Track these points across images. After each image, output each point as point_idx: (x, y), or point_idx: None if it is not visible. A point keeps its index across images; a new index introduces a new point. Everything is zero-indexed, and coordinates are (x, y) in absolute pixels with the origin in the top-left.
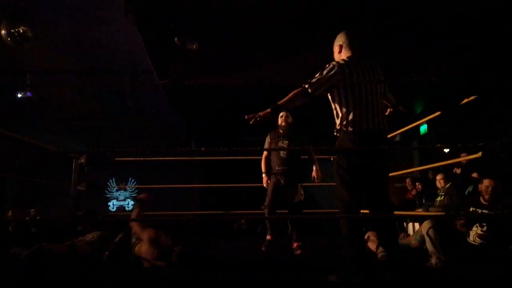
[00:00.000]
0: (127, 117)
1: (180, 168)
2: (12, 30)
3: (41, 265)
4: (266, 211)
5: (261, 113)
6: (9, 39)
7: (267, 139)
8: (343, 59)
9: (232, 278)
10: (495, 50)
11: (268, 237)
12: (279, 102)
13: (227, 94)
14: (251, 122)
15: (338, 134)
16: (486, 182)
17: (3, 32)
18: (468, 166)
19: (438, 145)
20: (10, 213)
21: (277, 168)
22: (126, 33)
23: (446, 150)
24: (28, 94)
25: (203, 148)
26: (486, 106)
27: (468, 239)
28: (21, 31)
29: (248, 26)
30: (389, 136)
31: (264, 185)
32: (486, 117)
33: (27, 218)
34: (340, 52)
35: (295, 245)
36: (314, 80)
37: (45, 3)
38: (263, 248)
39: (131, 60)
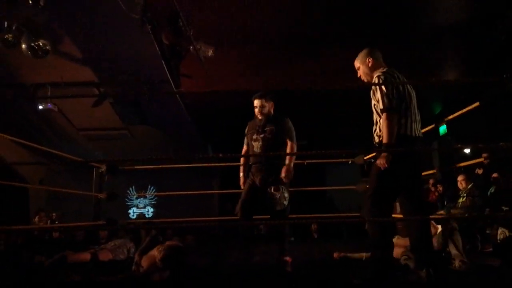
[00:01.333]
0: (144, 126)
1: (198, 174)
2: (32, 44)
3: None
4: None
5: (383, 162)
6: (29, 52)
7: (245, 132)
8: (386, 69)
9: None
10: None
11: None
12: (386, 141)
13: (243, 100)
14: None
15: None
16: None
17: (23, 46)
18: (489, 167)
19: (459, 145)
20: (36, 218)
21: (252, 166)
22: (142, 44)
23: (467, 151)
24: (49, 105)
25: (221, 154)
26: (507, 105)
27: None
28: (41, 44)
29: (264, 31)
30: None
31: (241, 186)
32: (506, 116)
33: (49, 221)
34: (372, 65)
35: (284, 259)
36: (386, 99)
37: (63, 17)
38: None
39: (147, 70)
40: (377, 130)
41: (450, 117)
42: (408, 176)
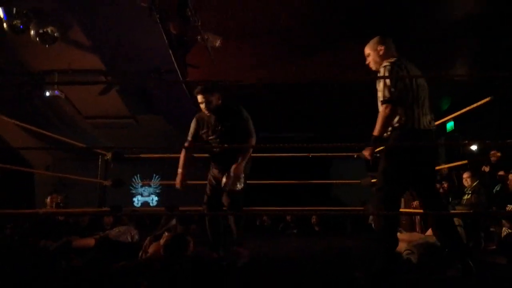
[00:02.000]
0: (150, 115)
1: (202, 164)
2: (40, 31)
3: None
4: (205, 209)
5: (367, 154)
6: (37, 39)
7: (192, 125)
8: (394, 60)
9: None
10: None
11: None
12: (376, 133)
13: (250, 91)
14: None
15: (391, 132)
16: None
17: (32, 32)
18: (496, 164)
19: (466, 141)
20: (48, 199)
21: (211, 162)
22: (150, 32)
23: (474, 148)
24: (56, 92)
25: (226, 145)
26: None
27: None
28: (49, 31)
29: (273, 24)
30: None
31: (177, 185)
32: None
33: (54, 203)
34: (383, 53)
35: (238, 250)
36: (386, 90)
37: (71, 4)
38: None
39: (155, 59)
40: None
41: (458, 113)
42: (417, 169)
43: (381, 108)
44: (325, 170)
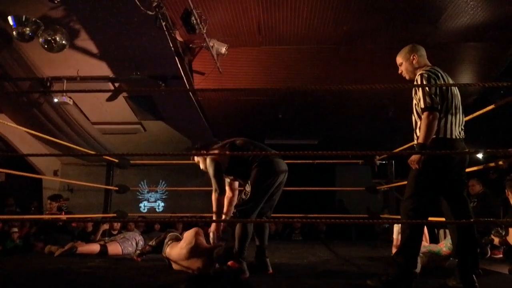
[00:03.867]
0: (157, 121)
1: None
2: (49, 38)
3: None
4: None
5: (414, 162)
6: (46, 46)
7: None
8: (430, 67)
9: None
10: None
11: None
12: (421, 141)
13: (255, 98)
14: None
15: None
16: None
17: (40, 39)
18: (505, 171)
19: (467, 150)
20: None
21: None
22: (156, 40)
23: (480, 156)
24: (64, 98)
25: (227, 152)
26: None
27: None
28: (57, 39)
29: (278, 31)
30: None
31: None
32: None
33: (57, 205)
34: (417, 61)
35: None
36: (428, 98)
37: (79, 12)
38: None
39: (161, 66)
40: (417, 131)
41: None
42: (447, 179)
43: (423, 115)
44: (330, 177)
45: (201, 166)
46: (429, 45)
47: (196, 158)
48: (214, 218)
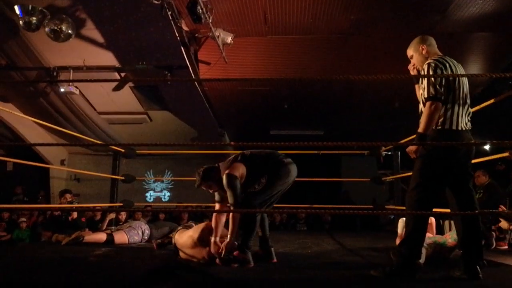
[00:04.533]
0: (164, 111)
1: (214, 161)
2: (55, 27)
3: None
4: None
5: (412, 152)
6: (52, 35)
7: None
8: (438, 57)
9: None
10: None
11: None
12: (421, 131)
13: (261, 88)
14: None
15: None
16: None
17: (46, 29)
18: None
19: (473, 141)
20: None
21: None
22: (162, 30)
23: (487, 147)
24: (71, 88)
25: (232, 142)
26: None
27: None
28: (63, 28)
29: (284, 22)
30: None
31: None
32: None
33: (67, 201)
34: (426, 52)
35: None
36: (432, 87)
37: (84, 1)
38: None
39: (167, 56)
40: None
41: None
42: (452, 170)
43: (426, 105)
44: (335, 168)
45: (213, 189)
46: (437, 34)
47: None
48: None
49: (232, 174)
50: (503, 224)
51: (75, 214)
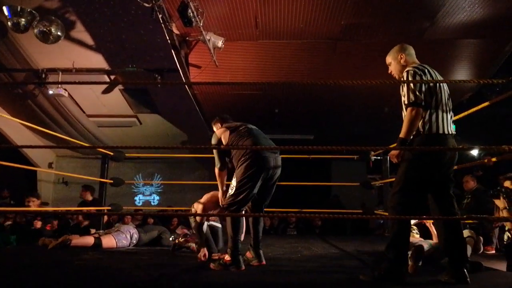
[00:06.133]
0: (153, 114)
1: (204, 164)
2: (44, 29)
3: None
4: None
5: (394, 157)
6: (41, 37)
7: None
8: (417, 65)
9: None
10: None
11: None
12: (402, 136)
13: (251, 92)
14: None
15: (413, 137)
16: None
17: (35, 30)
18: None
19: (461, 146)
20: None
21: None
22: (153, 33)
23: (475, 153)
24: (60, 90)
25: (222, 146)
26: None
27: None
28: (53, 30)
29: (275, 26)
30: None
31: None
32: None
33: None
34: (404, 61)
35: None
36: (411, 93)
37: (75, 3)
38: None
39: (157, 59)
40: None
41: (459, 116)
42: (436, 175)
43: (407, 111)
44: (325, 172)
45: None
46: (426, 41)
47: (214, 129)
48: (219, 187)
49: (217, 135)
50: (499, 203)
51: (38, 224)
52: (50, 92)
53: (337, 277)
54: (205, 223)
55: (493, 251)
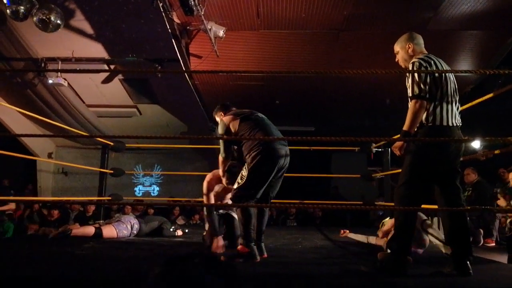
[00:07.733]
0: (153, 105)
1: (204, 155)
2: (43, 17)
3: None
4: None
5: (397, 149)
6: (40, 25)
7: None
8: (424, 56)
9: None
10: None
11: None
12: (406, 128)
13: (252, 82)
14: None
15: (418, 129)
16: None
17: (34, 19)
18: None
19: (466, 137)
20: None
21: None
22: (153, 22)
23: (477, 145)
24: (59, 80)
25: (225, 136)
26: None
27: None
28: (52, 18)
29: (276, 16)
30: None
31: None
32: None
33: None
34: (413, 50)
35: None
36: (416, 86)
37: None
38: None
39: (158, 49)
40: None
41: (462, 108)
42: (441, 167)
43: (411, 103)
44: (326, 164)
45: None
46: (429, 31)
47: (217, 118)
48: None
49: (225, 122)
50: (501, 202)
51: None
52: (50, 81)
53: (338, 268)
54: (219, 212)
55: (493, 244)
